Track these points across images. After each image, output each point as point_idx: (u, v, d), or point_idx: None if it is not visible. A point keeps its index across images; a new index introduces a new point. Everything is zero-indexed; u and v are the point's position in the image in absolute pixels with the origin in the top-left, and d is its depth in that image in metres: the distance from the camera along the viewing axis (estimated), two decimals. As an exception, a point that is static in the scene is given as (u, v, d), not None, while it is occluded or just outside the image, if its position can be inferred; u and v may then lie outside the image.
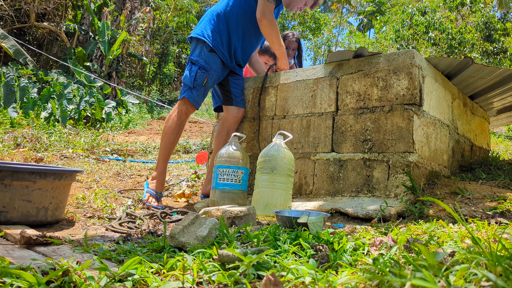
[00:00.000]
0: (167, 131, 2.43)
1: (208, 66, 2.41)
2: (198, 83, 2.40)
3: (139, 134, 7.97)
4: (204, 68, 2.40)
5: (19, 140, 4.62)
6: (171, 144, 2.45)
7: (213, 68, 2.43)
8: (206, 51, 2.41)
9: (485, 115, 3.21)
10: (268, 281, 0.73)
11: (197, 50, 2.45)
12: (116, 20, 14.47)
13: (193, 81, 2.39)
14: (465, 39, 11.66)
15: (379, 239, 1.18)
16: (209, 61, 2.41)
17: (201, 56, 2.41)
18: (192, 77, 2.39)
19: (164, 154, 2.45)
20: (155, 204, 2.30)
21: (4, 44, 11.14)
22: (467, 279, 0.68)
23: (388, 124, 2.04)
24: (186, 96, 2.41)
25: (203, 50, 2.42)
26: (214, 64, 2.43)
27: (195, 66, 2.41)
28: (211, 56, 2.42)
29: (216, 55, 2.43)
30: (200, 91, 2.42)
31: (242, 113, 2.64)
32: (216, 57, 2.43)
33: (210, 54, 2.42)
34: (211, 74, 2.43)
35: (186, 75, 2.43)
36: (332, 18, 30.35)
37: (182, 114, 2.44)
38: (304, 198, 2.27)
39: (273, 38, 2.42)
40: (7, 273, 0.77)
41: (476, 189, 2.01)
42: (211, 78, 2.44)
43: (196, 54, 2.44)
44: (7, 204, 1.61)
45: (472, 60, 2.22)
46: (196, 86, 2.40)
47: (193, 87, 2.39)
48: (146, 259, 1.02)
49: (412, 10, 13.35)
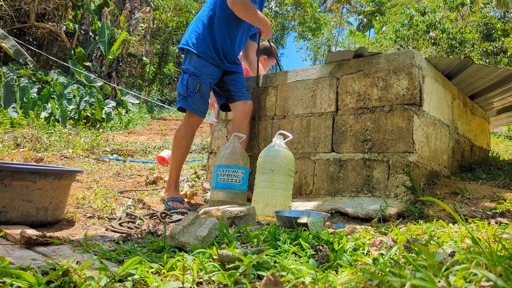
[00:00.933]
0: (179, 144, 2.46)
1: (198, 72, 2.41)
2: (191, 90, 2.41)
3: (139, 134, 7.97)
4: (195, 74, 2.41)
5: (19, 140, 4.62)
6: (183, 156, 2.48)
7: (204, 72, 2.43)
8: (195, 57, 2.42)
9: (485, 115, 3.21)
10: (268, 281, 0.73)
11: (186, 59, 2.47)
12: (116, 20, 14.47)
13: (186, 89, 2.41)
14: (465, 39, 11.66)
15: (379, 239, 1.18)
16: (198, 66, 2.42)
17: (190, 63, 2.43)
18: (184, 85, 2.41)
19: (177, 166, 2.47)
20: (182, 206, 2.31)
21: (4, 44, 11.14)
22: (467, 279, 0.68)
23: (388, 124, 2.04)
24: (182, 105, 2.43)
25: (192, 58, 2.44)
26: (204, 68, 2.43)
27: (186, 75, 2.43)
28: (200, 61, 2.42)
29: (204, 59, 2.43)
30: (195, 97, 2.43)
31: (250, 106, 2.58)
32: (205, 61, 2.43)
33: (199, 59, 2.42)
34: (203, 79, 2.43)
35: (179, 85, 2.46)
36: (332, 18, 30.36)
37: (193, 126, 2.48)
38: (304, 198, 2.27)
39: (251, 17, 2.38)
40: (7, 273, 0.77)
41: (476, 189, 2.01)
42: (204, 82, 2.44)
43: (186, 63, 2.46)
44: (7, 204, 1.61)
45: (472, 60, 2.22)
46: (190, 94, 2.41)
47: (187, 95, 2.41)
48: (146, 259, 1.02)
49: (410, 11, 13.35)
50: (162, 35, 19.94)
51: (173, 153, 2.49)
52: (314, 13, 23.44)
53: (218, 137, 2.93)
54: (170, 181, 2.46)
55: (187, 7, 20.28)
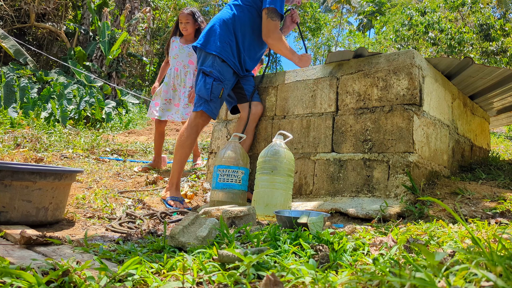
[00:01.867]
0: (183, 144, 2.40)
1: (222, 77, 2.36)
2: (214, 95, 2.35)
3: (139, 134, 7.97)
4: (219, 79, 2.35)
5: (19, 140, 4.62)
6: (186, 156, 2.43)
7: (227, 77, 2.39)
8: (219, 61, 2.36)
9: (485, 115, 3.21)
10: (268, 281, 0.73)
11: (208, 60, 2.38)
12: (116, 20, 14.47)
13: (210, 93, 2.33)
14: (463, 39, 11.66)
15: (379, 239, 1.18)
16: (223, 72, 2.36)
17: (214, 67, 2.36)
18: (208, 89, 2.33)
19: (179, 167, 2.42)
20: (182, 206, 2.30)
21: (4, 44, 11.14)
22: (467, 279, 0.68)
23: (388, 124, 2.04)
24: (203, 109, 2.36)
25: (215, 61, 2.36)
26: (227, 74, 2.39)
27: (209, 78, 2.35)
28: (224, 66, 2.37)
29: (227, 64, 2.39)
30: (217, 103, 2.39)
31: (261, 109, 2.58)
32: (228, 66, 2.40)
33: (223, 64, 2.37)
34: (226, 85, 2.39)
35: (201, 87, 2.37)
36: (332, 18, 30.36)
37: (199, 127, 2.42)
38: (304, 198, 2.27)
39: (283, 52, 2.41)
40: (7, 273, 0.77)
41: (476, 189, 2.01)
42: (226, 88, 2.41)
43: (209, 65, 2.37)
44: (7, 204, 1.61)
45: (472, 60, 2.22)
46: (213, 98, 2.35)
47: (210, 99, 2.35)
48: (146, 259, 1.02)
49: (410, 12, 13.35)
50: (162, 35, 19.94)
51: (176, 153, 2.44)
52: (314, 13, 23.44)
53: (218, 137, 2.93)
54: (171, 180, 2.44)
55: (187, 7, 20.27)
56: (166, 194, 2.42)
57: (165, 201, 2.38)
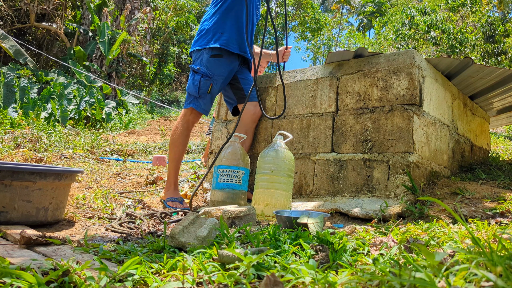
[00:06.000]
0: (175, 142, 2.41)
1: (210, 73, 2.38)
2: (203, 91, 2.38)
3: (139, 134, 7.97)
4: (207, 75, 2.38)
5: (19, 140, 4.62)
6: (180, 154, 2.44)
7: (217, 73, 2.40)
8: (207, 56, 2.39)
9: (485, 115, 3.21)
10: (268, 281, 0.73)
11: (197, 59, 2.44)
12: (116, 20, 14.47)
13: (198, 90, 2.37)
14: (465, 39, 11.66)
15: (379, 239, 1.18)
16: (211, 67, 2.39)
17: (201, 63, 2.40)
18: (196, 86, 2.38)
19: (175, 165, 2.43)
20: (181, 206, 2.30)
21: (4, 45, 11.14)
22: (467, 279, 0.68)
23: (388, 124, 2.04)
24: (193, 106, 2.40)
25: (202, 57, 2.41)
26: (217, 69, 2.40)
27: (197, 75, 2.39)
28: (212, 62, 2.39)
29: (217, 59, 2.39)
30: (207, 98, 2.41)
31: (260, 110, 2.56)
32: (219, 61, 2.40)
33: (212, 59, 2.39)
34: (215, 80, 2.41)
35: (190, 85, 2.42)
36: (332, 19, 30.36)
37: (190, 124, 2.44)
38: (304, 198, 2.27)
39: None
40: (7, 273, 0.77)
41: (476, 189, 2.01)
42: (216, 83, 2.42)
43: (197, 63, 2.42)
44: (7, 204, 1.61)
45: (472, 61, 2.22)
46: (201, 94, 2.38)
47: (199, 96, 2.38)
48: (146, 259, 1.02)
49: (411, 11, 13.35)
50: (162, 35, 19.94)
51: (170, 152, 2.45)
52: (315, 13, 23.46)
53: (218, 137, 2.92)
54: (169, 180, 2.44)
55: (187, 7, 20.28)
56: (165, 195, 2.42)
57: (165, 201, 2.38)
